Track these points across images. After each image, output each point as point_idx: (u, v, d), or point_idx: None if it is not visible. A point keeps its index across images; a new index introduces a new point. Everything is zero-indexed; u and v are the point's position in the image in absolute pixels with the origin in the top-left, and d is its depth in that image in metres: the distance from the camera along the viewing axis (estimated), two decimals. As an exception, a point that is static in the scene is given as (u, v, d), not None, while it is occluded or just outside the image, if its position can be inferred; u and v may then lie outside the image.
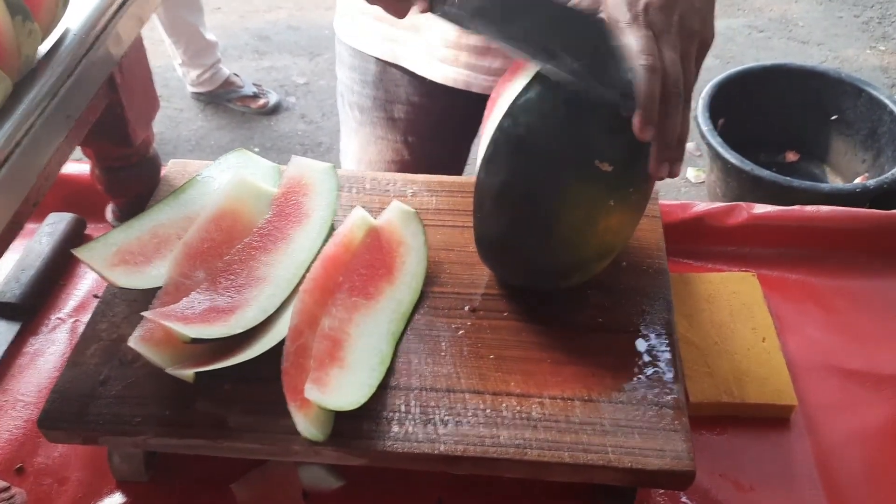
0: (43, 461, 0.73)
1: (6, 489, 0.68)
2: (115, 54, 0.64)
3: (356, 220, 0.76)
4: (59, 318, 0.86)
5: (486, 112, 0.72)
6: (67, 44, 0.58)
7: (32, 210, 0.61)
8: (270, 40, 3.01)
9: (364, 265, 0.74)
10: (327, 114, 2.64)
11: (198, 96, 2.69)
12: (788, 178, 1.98)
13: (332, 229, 0.78)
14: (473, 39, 0.97)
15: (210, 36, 2.56)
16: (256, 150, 2.51)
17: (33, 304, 0.85)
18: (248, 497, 0.70)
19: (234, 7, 3.16)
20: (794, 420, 0.76)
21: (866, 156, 2.23)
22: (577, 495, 0.70)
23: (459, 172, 1.21)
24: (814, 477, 0.71)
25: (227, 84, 2.65)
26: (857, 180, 2.18)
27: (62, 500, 0.71)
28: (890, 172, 2.00)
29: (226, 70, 2.66)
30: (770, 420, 0.75)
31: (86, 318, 0.85)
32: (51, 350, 0.82)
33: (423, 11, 0.68)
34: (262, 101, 2.66)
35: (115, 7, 0.62)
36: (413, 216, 0.78)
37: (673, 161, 0.64)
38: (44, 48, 0.58)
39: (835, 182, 2.28)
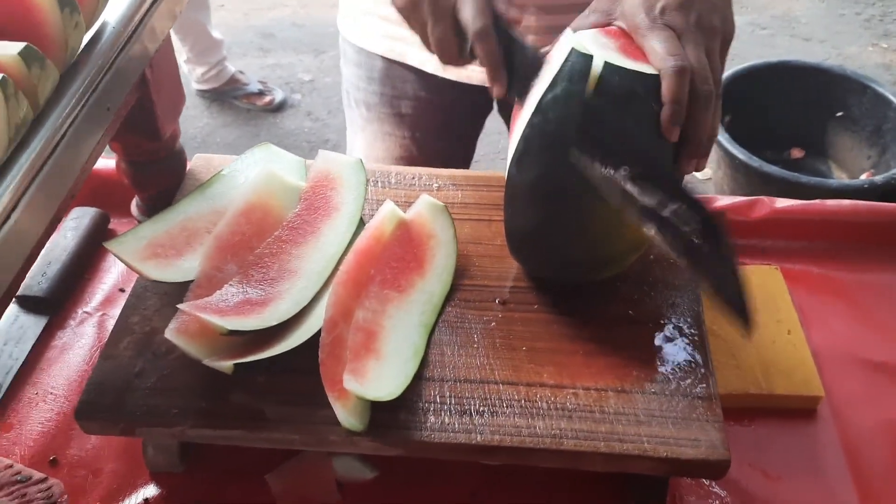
0: (76, 453, 0.74)
1: (43, 480, 0.68)
2: (151, 48, 0.64)
3: (386, 214, 0.76)
4: (86, 312, 0.86)
5: (514, 109, 0.73)
6: (106, 37, 0.58)
7: (70, 203, 0.61)
8: (275, 37, 3.01)
9: (395, 258, 0.74)
10: (333, 111, 2.65)
11: (203, 94, 2.69)
12: (796, 174, 1.99)
13: (362, 222, 0.78)
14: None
15: (216, 33, 2.56)
16: (262, 147, 2.50)
17: (60, 298, 0.86)
18: (283, 488, 0.71)
19: (237, 5, 3.16)
20: (820, 411, 0.76)
21: (871, 152, 2.24)
22: (608, 487, 0.71)
23: (466, 167, 1.22)
24: (842, 466, 0.72)
25: (233, 81, 2.65)
26: (863, 176, 2.19)
27: (97, 491, 0.71)
28: (896, 168, 2.01)
29: (231, 67, 2.66)
30: (797, 411, 0.76)
31: (113, 311, 0.86)
32: (79, 343, 0.83)
33: (499, 97, 0.67)
34: (267, 99, 2.66)
35: (150, 1, 0.63)
36: (442, 210, 0.79)
37: (701, 157, 0.65)
38: (84, 40, 0.58)
39: (840, 178, 2.29)
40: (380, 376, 0.65)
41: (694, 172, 0.67)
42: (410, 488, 0.71)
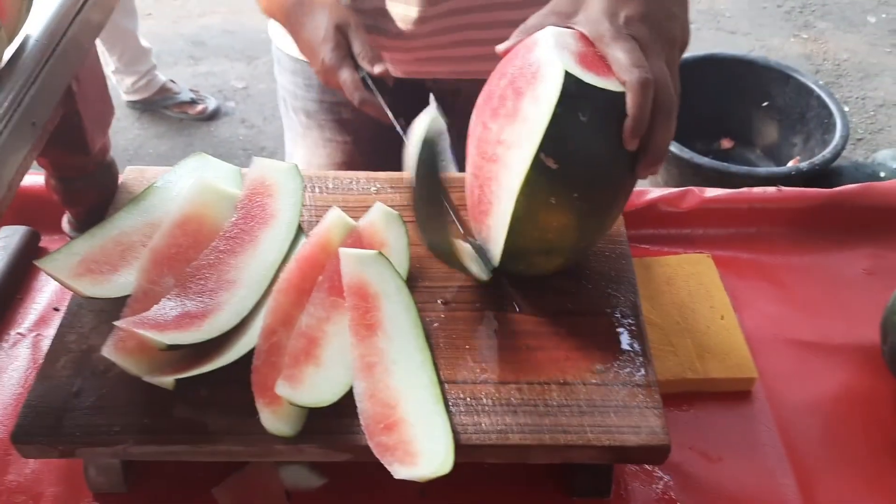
0: (14, 479, 0.72)
1: (-20, 509, 0.66)
2: (76, 60, 0.63)
3: (333, 221, 0.76)
4: (20, 334, 0.84)
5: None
6: (29, 50, 0.57)
7: (-2, 221, 0.60)
8: (206, 45, 2.97)
9: (343, 265, 0.74)
10: (268, 118, 2.62)
11: (133, 104, 2.64)
12: (726, 164, 2.05)
13: (300, 229, 0.78)
14: (433, 41, 0.97)
15: (144, 42, 2.51)
16: (198, 156, 2.47)
17: (-9, 320, 0.83)
18: (231, 501, 0.70)
19: (166, 12, 3.10)
20: (755, 392, 0.79)
21: (797, 139, 2.32)
22: (555, 479, 0.72)
23: None
24: (777, 444, 0.75)
25: (164, 91, 2.61)
26: (790, 163, 2.26)
27: (38, 516, 0.69)
28: (820, 155, 2.09)
29: (161, 76, 2.61)
30: (733, 393, 0.79)
31: (47, 332, 0.84)
32: (13, 366, 0.80)
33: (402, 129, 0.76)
34: (200, 107, 2.62)
35: (73, 13, 0.62)
36: (396, 218, 0.79)
37: (656, 165, 0.66)
38: (6, 55, 0.57)
39: (768, 166, 2.36)
40: (316, 383, 0.65)
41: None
42: (359, 493, 0.71)
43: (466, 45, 0.98)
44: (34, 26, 0.59)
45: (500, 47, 0.71)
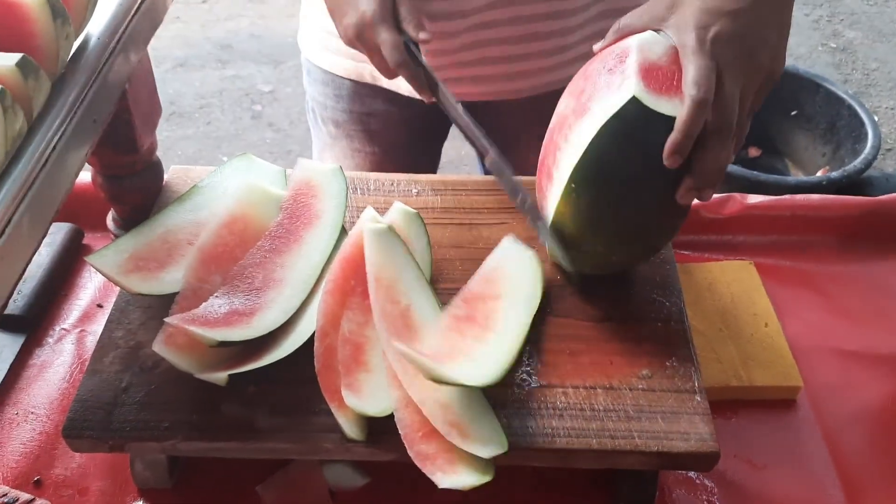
0: (61, 473, 0.72)
1: (31, 501, 0.67)
2: (133, 58, 0.63)
3: (366, 222, 0.76)
4: (64, 329, 0.84)
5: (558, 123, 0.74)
6: (91, 48, 0.58)
7: (56, 217, 0.60)
8: (233, 49, 2.99)
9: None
10: (295, 122, 2.63)
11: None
12: (756, 172, 2.04)
13: (344, 230, 0.78)
14: (460, 57, 0.97)
15: None
16: (225, 159, 2.49)
17: (37, 315, 0.84)
18: (275, 498, 0.70)
19: (194, 16, 3.12)
20: (799, 400, 0.78)
21: (826, 149, 2.30)
22: (599, 484, 0.71)
23: (433, 173, 1.21)
24: (823, 453, 0.74)
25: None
26: (819, 173, 2.24)
27: (84, 510, 0.70)
28: (851, 164, 2.07)
29: None
30: (777, 401, 0.78)
31: (91, 328, 0.85)
32: (58, 361, 0.81)
33: (430, 103, 0.77)
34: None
35: (131, 12, 0.62)
36: (415, 217, 0.79)
37: (702, 189, 0.65)
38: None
39: (797, 175, 2.35)
40: (373, 390, 0.65)
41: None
42: (402, 492, 0.71)
43: (493, 62, 0.97)
44: (95, 25, 0.60)
45: (595, 46, 0.72)
